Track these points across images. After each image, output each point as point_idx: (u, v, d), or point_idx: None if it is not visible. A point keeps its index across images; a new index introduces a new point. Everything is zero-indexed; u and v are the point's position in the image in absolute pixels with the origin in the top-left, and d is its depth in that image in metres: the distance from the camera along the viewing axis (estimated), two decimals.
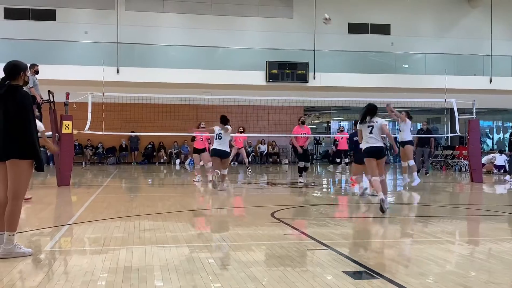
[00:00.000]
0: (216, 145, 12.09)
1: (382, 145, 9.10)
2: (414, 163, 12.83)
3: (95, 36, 24.00)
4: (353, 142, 11.67)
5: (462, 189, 14.54)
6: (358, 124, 9.27)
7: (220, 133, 11.95)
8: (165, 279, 4.50)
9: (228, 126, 12.00)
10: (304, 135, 14.34)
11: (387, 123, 9.32)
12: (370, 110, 9.01)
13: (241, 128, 18.15)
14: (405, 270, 4.89)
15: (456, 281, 4.45)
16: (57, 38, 22.99)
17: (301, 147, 14.17)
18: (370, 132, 8.95)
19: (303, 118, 15.72)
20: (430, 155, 19.40)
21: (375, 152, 8.96)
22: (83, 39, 23.98)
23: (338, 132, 17.72)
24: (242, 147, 18.30)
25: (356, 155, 11.30)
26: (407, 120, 12.75)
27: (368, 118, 8.99)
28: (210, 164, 13.37)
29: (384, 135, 9.31)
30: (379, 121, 9.03)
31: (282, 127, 21.79)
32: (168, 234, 6.68)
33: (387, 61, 25.86)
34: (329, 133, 28.33)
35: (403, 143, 12.70)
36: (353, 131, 12.91)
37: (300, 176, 14.52)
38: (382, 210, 8.37)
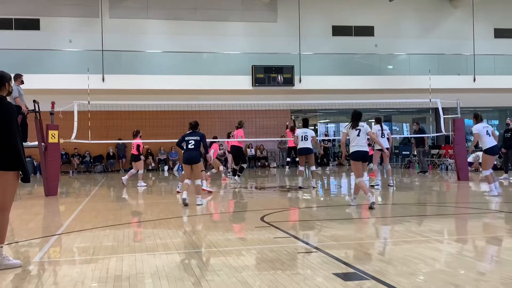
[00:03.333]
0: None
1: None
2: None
3: (80, 44, 23.90)
4: None
5: (449, 187, 14.65)
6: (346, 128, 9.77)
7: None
8: (156, 287, 4.49)
9: None
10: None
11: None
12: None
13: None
14: (395, 270, 4.93)
15: (446, 279, 4.49)
16: (41, 47, 22.85)
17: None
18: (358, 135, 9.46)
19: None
20: (423, 154, 19.57)
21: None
22: (68, 47, 23.87)
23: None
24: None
25: None
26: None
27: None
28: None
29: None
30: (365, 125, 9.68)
31: (269, 131, 21.86)
32: (158, 241, 6.66)
33: (372, 62, 26.05)
34: (317, 136, 28.38)
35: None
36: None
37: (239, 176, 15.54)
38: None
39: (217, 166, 16.33)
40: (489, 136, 11.41)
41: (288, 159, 20.37)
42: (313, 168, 13.91)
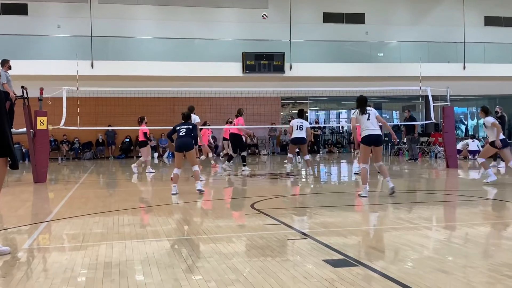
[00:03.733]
0: None
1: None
2: None
3: (68, 29, 23.65)
4: None
5: (438, 175, 14.75)
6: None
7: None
8: (146, 273, 4.49)
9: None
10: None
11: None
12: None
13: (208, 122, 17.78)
14: (383, 256, 4.97)
15: (434, 266, 4.53)
16: (29, 33, 22.59)
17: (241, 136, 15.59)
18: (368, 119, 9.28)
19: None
20: (413, 141, 19.70)
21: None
22: (56, 33, 23.61)
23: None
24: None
25: None
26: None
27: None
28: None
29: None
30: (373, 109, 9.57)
31: (260, 118, 21.83)
32: (148, 228, 6.66)
33: (362, 50, 26.04)
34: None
35: None
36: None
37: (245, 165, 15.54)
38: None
39: (206, 152, 16.34)
40: None
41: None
42: (307, 157, 13.95)
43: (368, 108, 9.43)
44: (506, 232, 6.09)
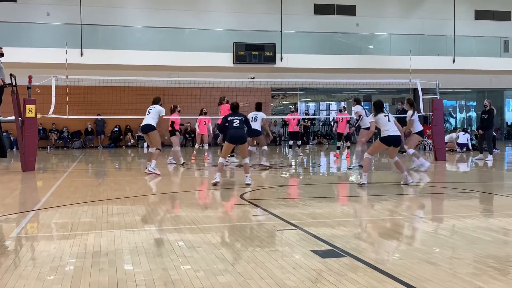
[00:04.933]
0: None
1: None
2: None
3: (58, 17, 23.41)
4: None
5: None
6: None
7: None
8: (135, 263, 4.50)
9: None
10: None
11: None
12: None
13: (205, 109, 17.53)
14: (371, 247, 5.00)
15: (421, 257, 4.58)
16: (18, 20, 22.34)
17: None
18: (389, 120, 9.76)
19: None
20: (404, 134, 19.74)
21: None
22: (45, 20, 23.36)
23: (338, 113, 18.19)
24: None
25: None
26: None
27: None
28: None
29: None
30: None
31: (250, 109, 21.79)
32: (136, 217, 6.66)
33: (353, 42, 26.05)
34: (297, 111, 28.41)
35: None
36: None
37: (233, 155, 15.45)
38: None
39: (200, 141, 16.34)
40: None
41: (291, 142, 20.44)
42: (265, 148, 14.18)
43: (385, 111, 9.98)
44: (492, 224, 6.16)
